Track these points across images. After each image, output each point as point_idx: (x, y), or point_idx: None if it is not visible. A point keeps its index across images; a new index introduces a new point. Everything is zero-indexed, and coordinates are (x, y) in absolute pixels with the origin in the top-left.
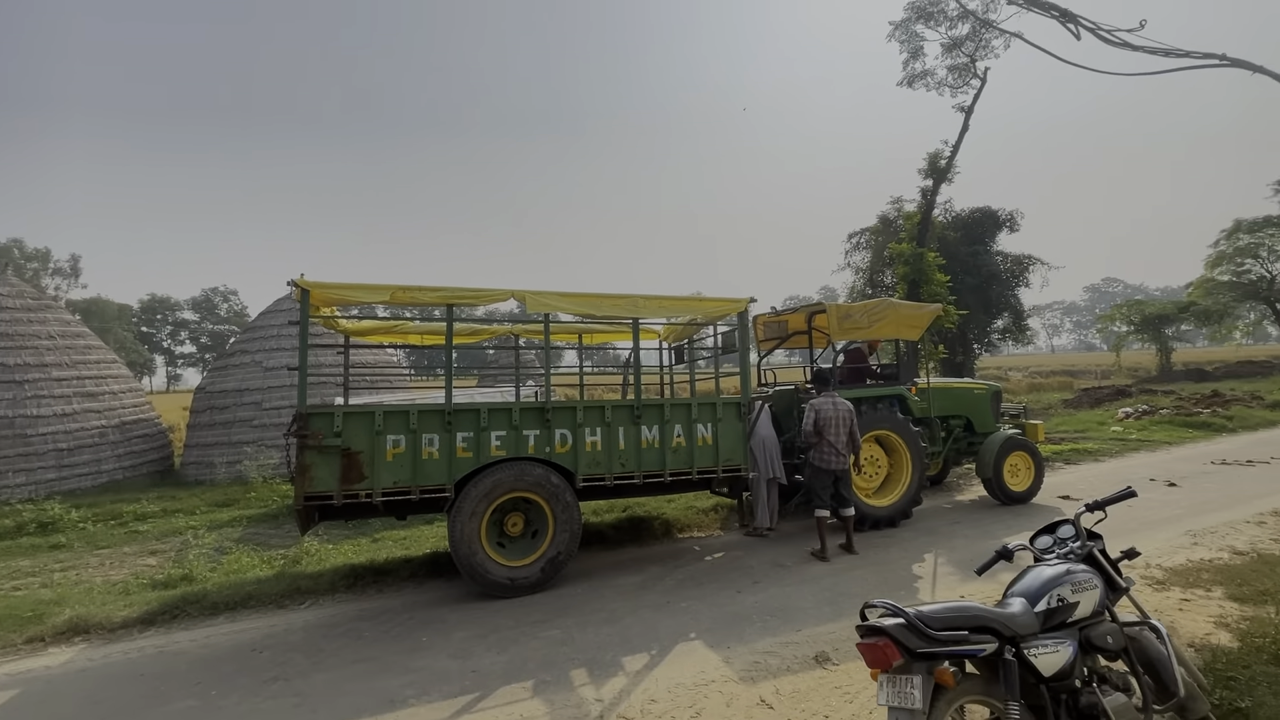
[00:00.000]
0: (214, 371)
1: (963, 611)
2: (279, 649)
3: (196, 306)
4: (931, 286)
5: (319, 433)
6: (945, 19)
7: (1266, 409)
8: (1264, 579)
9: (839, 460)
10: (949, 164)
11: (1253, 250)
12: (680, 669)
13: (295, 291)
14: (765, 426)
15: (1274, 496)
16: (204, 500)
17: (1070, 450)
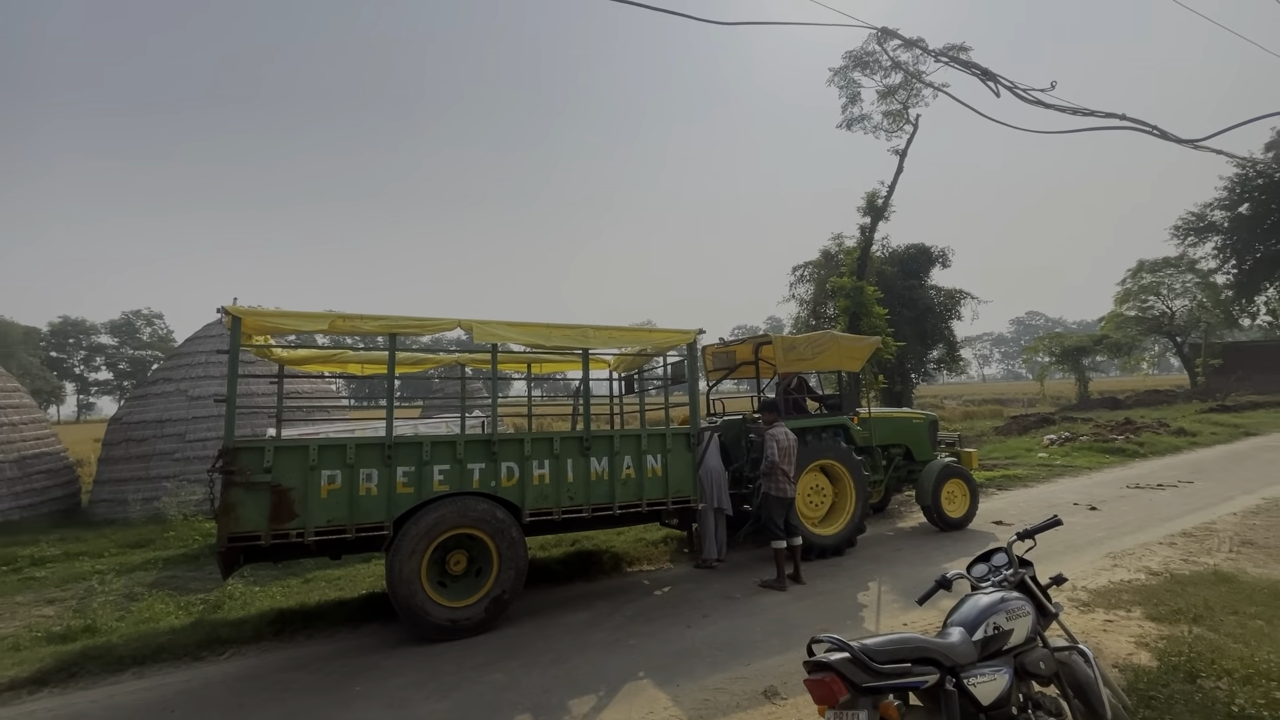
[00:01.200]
0: (133, 400)
1: (905, 643)
2: (194, 706)
3: (115, 330)
4: (871, 319)
5: (247, 468)
6: (879, 68)
7: (1172, 435)
8: (1177, 598)
9: (792, 489)
10: (885, 203)
11: (1154, 288)
12: (629, 710)
13: (226, 319)
14: (714, 457)
15: (1183, 519)
16: (114, 541)
17: (1002, 476)
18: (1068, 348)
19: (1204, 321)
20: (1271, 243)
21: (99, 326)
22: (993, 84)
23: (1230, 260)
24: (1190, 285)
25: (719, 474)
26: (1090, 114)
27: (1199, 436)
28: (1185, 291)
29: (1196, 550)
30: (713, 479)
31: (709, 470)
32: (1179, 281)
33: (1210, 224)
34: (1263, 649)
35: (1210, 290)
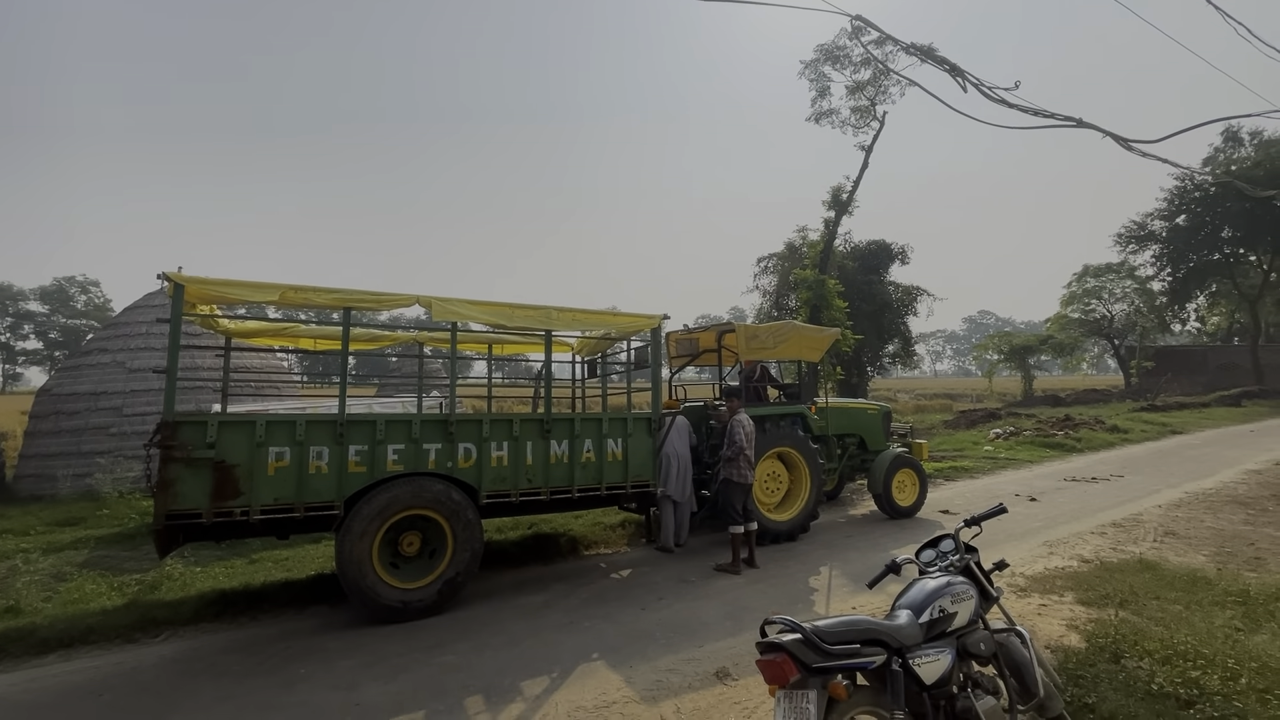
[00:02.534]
0: (64, 372)
1: (855, 625)
2: (125, 690)
3: (46, 297)
4: (831, 311)
5: (188, 443)
6: (850, 63)
7: (1107, 432)
8: (1105, 584)
9: (751, 475)
10: (850, 198)
11: (1097, 292)
12: (581, 691)
13: (168, 286)
14: (680, 443)
15: (1114, 510)
16: (41, 519)
17: (949, 468)
18: (1015, 346)
19: (1140, 325)
20: (1204, 253)
21: (27, 292)
22: (960, 79)
23: (1166, 268)
24: (1129, 291)
25: (685, 462)
26: (1050, 115)
27: (1131, 434)
28: (1124, 296)
29: (1125, 539)
30: (678, 467)
31: (675, 457)
32: (1119, 287)
33: (1150, 233)
34: (1180, 632)
35: (1147, 296)
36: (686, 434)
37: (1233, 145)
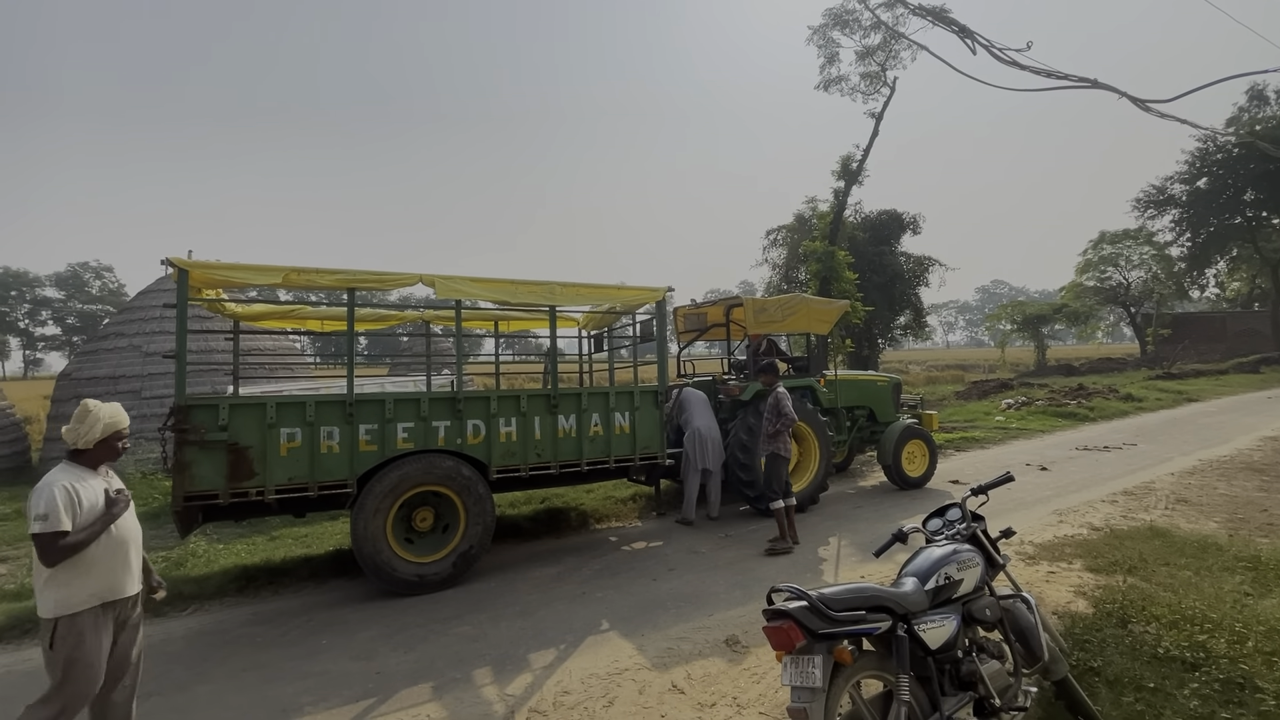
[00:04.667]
0: (82, 356)
1: (861, 592)
2: (155, 660)
3: (61, 283)
4: (841, 284)
5: (201, 426)
6: (859, 27)
7: (1121, 401)
8: (1114, 551)
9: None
10: (859, 167)
11: (1113, 259)
12: (594, 659)
13: (172, 272)
14: (702, 417)
15: (1125, 478)
16: None
17: (960, 438)
18: (1028, 316)
19: (1157, 292)
20: (1225, 217)
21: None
22: (970, 41)
23: (1185, 233)
24: (1147, 257)
25: (715, 435)
26: (1064, 77)
27: (1145, 402)
28: (1142, 263)
29: (1135, 507)
30: (711, 441)
31: (707, 430)
32: (1136, 253)
33: (1169, 197)
34: (1189, 597)
35: (1165, 262)
36: (708, 406)
37: (1258, 104)
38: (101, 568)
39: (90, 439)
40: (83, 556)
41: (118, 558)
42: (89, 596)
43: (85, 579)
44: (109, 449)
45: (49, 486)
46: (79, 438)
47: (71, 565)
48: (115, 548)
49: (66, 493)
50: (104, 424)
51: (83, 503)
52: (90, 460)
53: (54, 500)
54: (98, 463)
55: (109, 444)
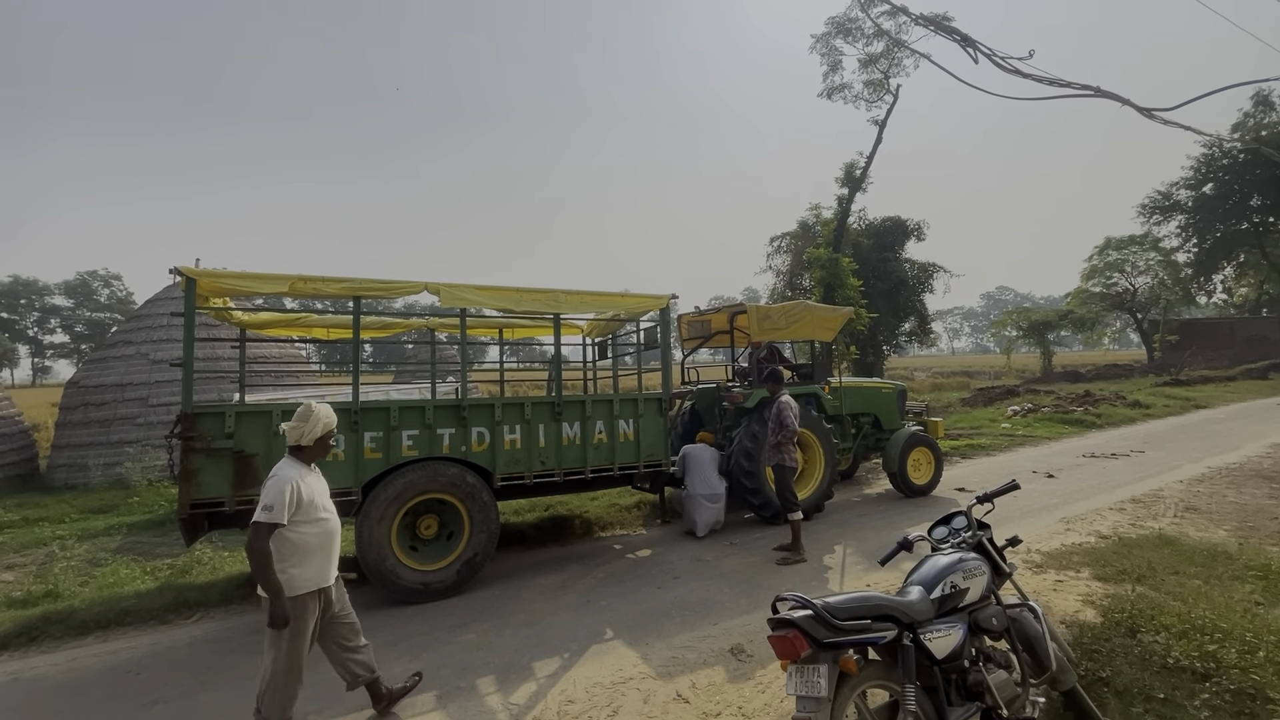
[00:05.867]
0: (90, 364)
1: (866, 601)
2: (161, 669)
3: (70, 291)
4: (845, 290)
5: (207, 434)
6: (862, 35)
7: (1128, 407)
8: (1123, 560)
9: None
10: (863, 174)
11: (1119, 265)
12: (598, 668)
13: (180, 280)
14: (705, 451)
15: (1133, 486)
16: (75, 507)
17: (966, 445)
18: (1034, 322)
19: (1164, 298)
20: (1231, 222)
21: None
22: (972, 50)
23: (1192, 239)
24: (1153, 263)
25: (706, 461)
26: (1066, 85)
27: (1152, 409)
28: (1148, 269)
29: (1144, 515)
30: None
31: (695, 458)
32: (1143, 259)
33: (1175, 203)
34: (1199, 606)
35: (1171, 268)
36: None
37: (1263, 110)
38: (317, 558)
39: (311, 437)
40: (303, 547)
41: (328, 550)
42: (306, 582)
43: (304, 567)
44: (322, 447)
45: (282, 481)
46: (301, 436)
47: (293, 554)
48: (328, 540)
49: (294, 489)
50: (324, 423)
51: (302, 497)
52: (307, 456)
53: (282, 496)
54: (312, 459)
55: (323, 442)
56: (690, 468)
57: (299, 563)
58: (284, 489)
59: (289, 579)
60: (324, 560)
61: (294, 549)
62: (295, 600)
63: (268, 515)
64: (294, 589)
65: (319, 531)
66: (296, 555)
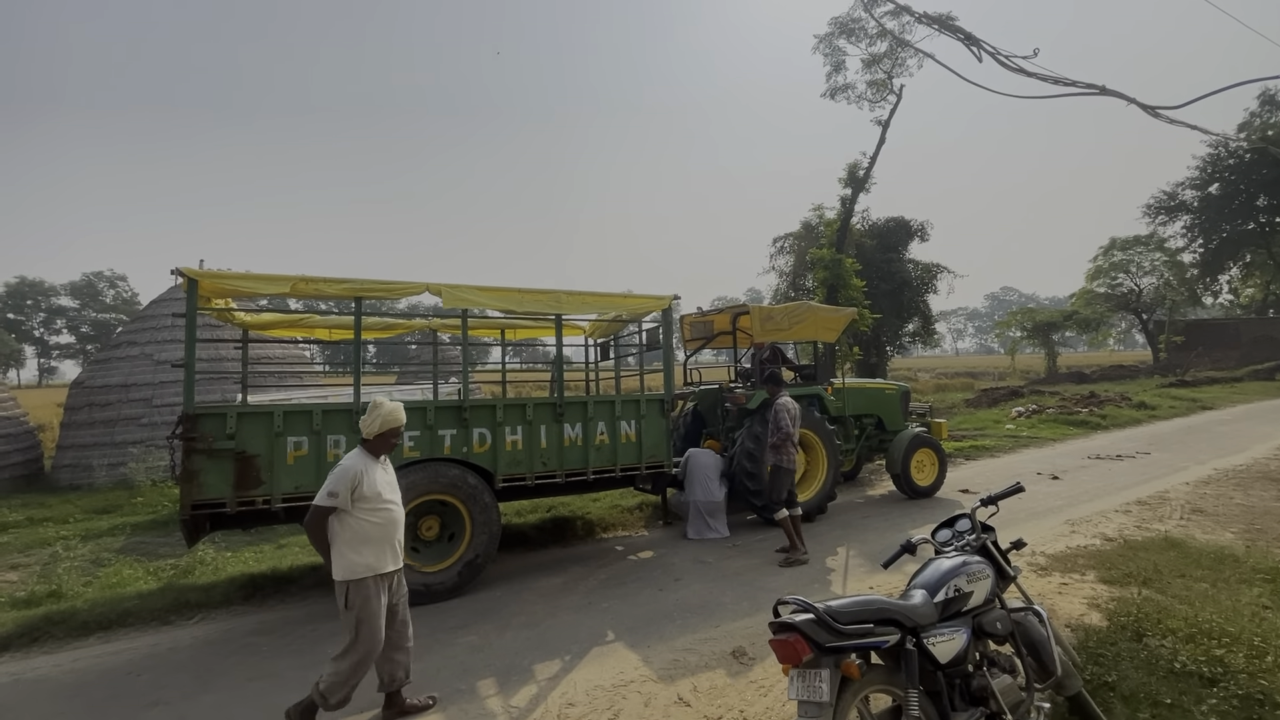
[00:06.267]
0: (95, 365)
1: (869, 605)
2: (161, 670)
3: (76, 292)
4: (849, 291)
5: (209, 435)
6: (865, 36)
7: (1133, 409)
8: (1129, 562)
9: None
10: (866, 174)
11: (1124, 266)
12: (599, 670)
13: (182, 281)
14: (707, 456)
15: (1139, 487)
16: (79, 507)
17: (970, 447)
18: (1039, 323)
19: (1169, 299)
20: (1237, 223)
21: (58, 288)
22: (976, 49)
23: (1198, 239)
24: (1158, 263)
25: (709, 466)
26: (1071, 84)
27: (1158, 410)
28: (1153, 269)
29: (1150, 518)
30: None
31: (698, 464)
32: (1148, 259)
33: (1181, 203)
34: (1205, 610)
35: (1177, 268)
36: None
37: (1270, 109)
38: (374, 545)
39: (370, 430)
40: (363, 534)
41: (387, 538)
42: (365, 567)
43: (361, 553)
44: (385, 442)
45: (347, 469)
46: (365, 428)
47: (353, 539)
48: (388, 529)
49: (356, 477)
50: (382, 419)
51: (365, 486)
52: (373, 449)
53: (345, 483)
54: (379, 452)
55: (385, 438)
56: (692, 473)
57: (358, 548)
58: (347, 476)
59: (348, 563)
60: (385, 547)
61: (354, 534)
62: (358, 584)
63: (329, 500)
64: (354, 573)
65: (380, 520)
66: (356, 540)
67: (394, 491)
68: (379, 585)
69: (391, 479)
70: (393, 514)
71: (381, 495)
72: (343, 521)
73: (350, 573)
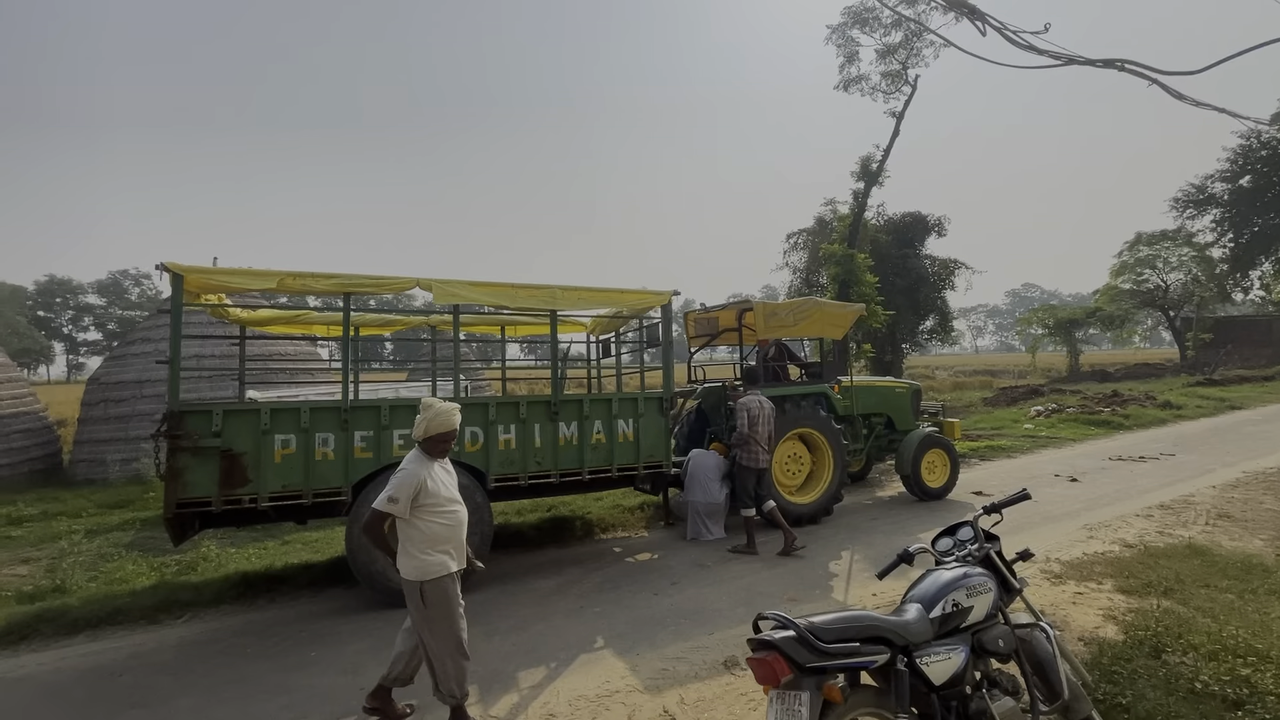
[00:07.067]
0: (111, 361)
1: (855, 621)
2: (144, 671)
3: (103, 290)
4: (861, 287)
5: (194, 433)
6: (880, 25)
7: (1158, 408)
8: (1149, 571)
9: (765, 458)
10: (880, 167)
11: (1150, 261)
12: (585, 679)
13: (167, 277)
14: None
15: (1161, 491)
16: (93, 502)
17: (985, 447)
18: (1061, 320)
19: (1197, 295)
20: (1270, 216)
21: (86, 286)
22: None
23: (1228, 234)
24: (1186, 259)
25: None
26: (1088, 62)
27: (1184, 410)
28: (1181, 265)
29: (1173, 523)
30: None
31: (699, 466)
32: (1175, 255)
33: (1210, 196)
34: (1231, 623)
35: (1206, 264)
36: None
37: None
38: (446, 546)
39: (418, 435)
40: (432, 536)
41: (455, 539)
42: (440, 566)
43: (435, 554)
44: (436, 446)
45: (409, 476)
46: (416, 431)
47: (423, 541)
48: (456, 529)
49: (419, 484)
50: (426, 425)
51: (428, 491)
52: (429, 451)
53: (406, 489)
54: (434, 455)
55: (436, 441)
56: (693, 474)
57: (429, 550)
58: (409, 483)
59: (422, 565)
60: (452, 548)
61: (423, 537)
62: (433, 583)
63: (388, 505)
64: (429, 574)
65: (446, 523)
66: (425, 543)
67: (455, 491)
68: (454, 581)
69: (453, 479)
70: (459, 515)
71: (446, 498)
72: (411, 524)
73: (425, 573)
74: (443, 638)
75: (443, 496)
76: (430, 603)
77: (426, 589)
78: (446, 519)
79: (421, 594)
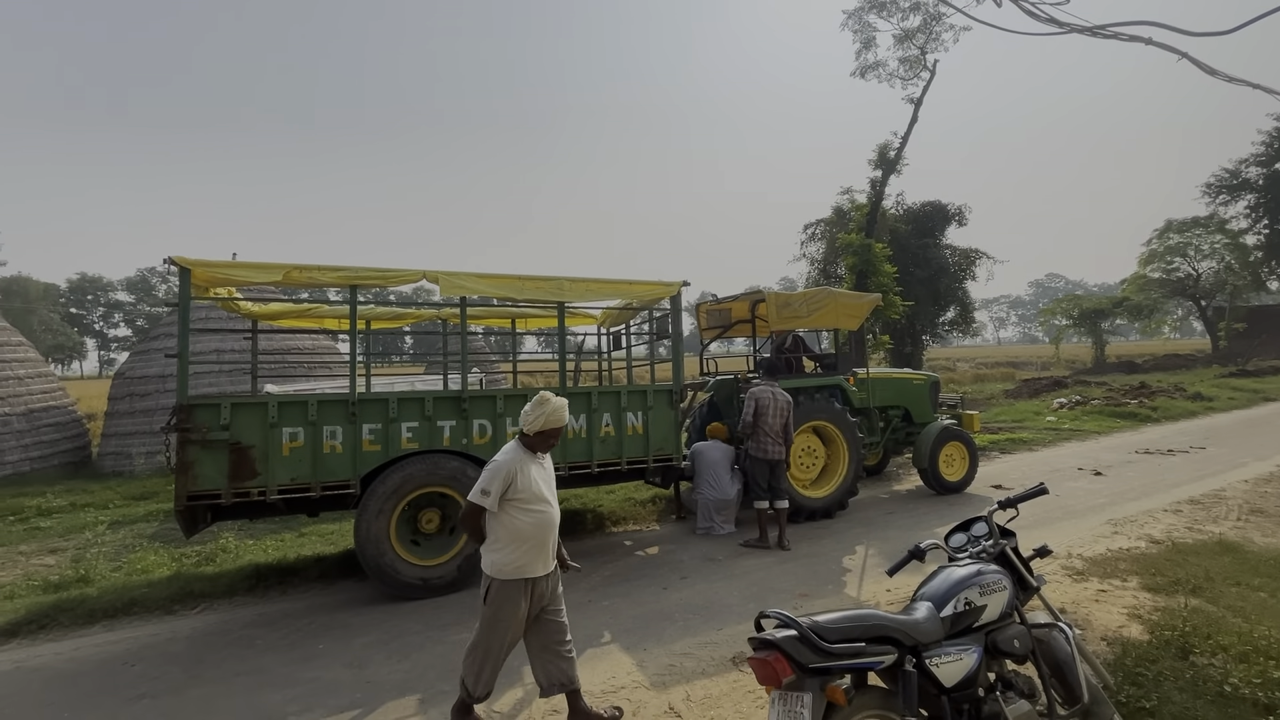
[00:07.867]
0: (135, 356)
1: (861, 621)
2: (155, 661)
3: (132, 287)
4: (879, 277)
5: (203, 426)
6: (897, 10)
7: (1188, 400)
8: (1177, 568)
9: (776, 450)
10: (898, 155)
11: (1181, 249)
12: (590, 674)
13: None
14: (715, 450)
15: (1191, 485)
16: (119, 493)
17: (1006, 440)
18: (1086, 310)
19: (1230, 284)
20: None
21: (116, 283)
22: None
23: (1263, 220)
24: (1219, 246)
25: (717, 460)
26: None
27: (1216, 401)
28: (1213, 253)
29: (1203, 518)
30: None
31: (705, 458)
32: (1207, 242)
33: (1244, 181)
34: (1263, 623)
35: (1239, 251)
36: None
37: None
38: (528, 546)
39: (533, 427)
40: (515, 533)
41: (541, 541)
42: (514, 569)
43: (514, 553)
44: (544, 440)
45: (502, 467)
46: (526, 423)
47: (503, 537)
48: (543, 531)
49: (510, 475)
50: (546, 417)
51: (518, 485)
52: (531, 445)
53: (498, 480)
54: (536, 449)
55: (545, 436)
56: (700, 468)
57: (505, 547)
58: (500, 474)
59: (493, 562)
60: (536, 550)
61: (506, 532)
62: (502, 584)
63: (480, 498)
64: (501, 573)
65: (533, 521)
66: (509, 539)
67: (551, 490)
68: (524, 589)
69: (550, 477)
70: (548, 515)
71: (538, 495)
72: (497, 518)
73: (497, 571)
74: (491, 635)
75: (533, 492)
76: (492, 601)
77: (494, 587)
78: (534, 517)
79: (488, 589)
